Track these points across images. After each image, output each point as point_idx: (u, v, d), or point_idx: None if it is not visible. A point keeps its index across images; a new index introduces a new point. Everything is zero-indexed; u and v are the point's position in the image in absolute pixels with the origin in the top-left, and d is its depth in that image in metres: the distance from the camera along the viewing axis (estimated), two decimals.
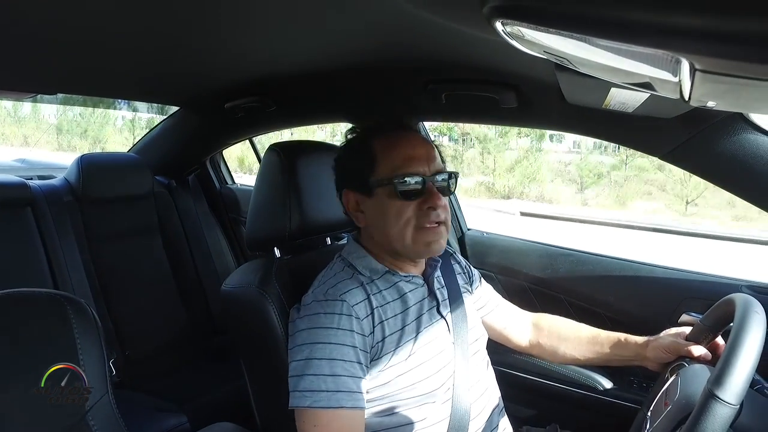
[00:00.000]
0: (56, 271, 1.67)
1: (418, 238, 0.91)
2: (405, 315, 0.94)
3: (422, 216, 0.91)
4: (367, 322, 0.89)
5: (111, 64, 1.27)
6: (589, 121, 1.15)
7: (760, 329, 0.71)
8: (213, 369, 1.90)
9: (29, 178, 1.90)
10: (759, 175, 0.94)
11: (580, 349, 1.11)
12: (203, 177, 2.33)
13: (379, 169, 0.92)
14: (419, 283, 0.99)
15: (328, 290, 0.90)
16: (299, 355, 0.86)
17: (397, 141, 0.94)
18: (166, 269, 1.99)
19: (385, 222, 0.92)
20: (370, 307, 0.90)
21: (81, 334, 0.79)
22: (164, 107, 2.25)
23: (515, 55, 0.63)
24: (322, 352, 0.84)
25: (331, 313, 0.87)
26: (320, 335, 0.85)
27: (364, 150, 0.95)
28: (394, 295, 0.95)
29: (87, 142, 13.26)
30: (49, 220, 1.72)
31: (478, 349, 1.04)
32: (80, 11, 0.87)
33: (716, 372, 0.67)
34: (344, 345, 0.85)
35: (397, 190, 0.90)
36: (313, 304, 0.90)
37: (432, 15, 0.77)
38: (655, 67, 0.44)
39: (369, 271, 0.95)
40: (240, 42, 1.09)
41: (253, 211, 1.12)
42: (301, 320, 0.89)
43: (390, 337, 0.90)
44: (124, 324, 1.81)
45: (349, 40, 1.06)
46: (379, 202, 0.92)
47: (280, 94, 1.55)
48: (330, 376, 0.83)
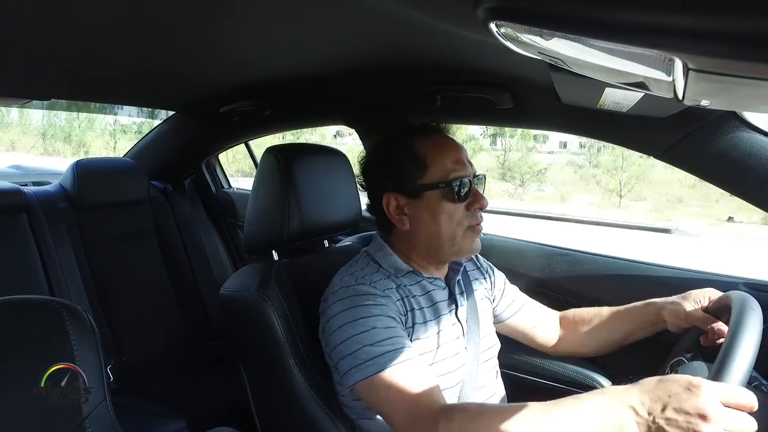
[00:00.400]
0: (52, 277, 1.66)
1: (466, 238, 0.95)
2: (430, 310, 0.96)
3: (470, 217, 0.95)
4: (400, 304, 0.91)
5: (106, 69, 1.27)
6: (584, 121, 1.16)
7: (757, 326, 0.72)
8: (211, 373, 1.89)
9: (24, 184, 1.89)
10: (753, 172, 0.94)
11: (604, 328, 1.10)
12: (199, 181, 2.32)
13: (429, 172, 0.93)
14: (441, 286, 1.01)
15: (358, 279, 0.92)
16: (344, 336, 0.86)
17: (443, 144, 0.96)
18: (162, 274, 1.98)
19: (437, 224, 0.93)
20: (400, 295, 0.93)
21: (78, 341, 0.78)
22: (154, 111, 2.24)
23: (510, 56, 0.63)
24: (367, 324, 0.85)
25: (366, 294, 0.89)
26: (360, 312, 0.86)
27: (410, 153, 0.95)
28: (419, 291, 0.97)
29: (70, 146, 13.43)
30: (44, 227, 1.71)
31: (489, 357, 1.04)
32: (74, 17, 0.87)
33: (714, 370, 0.68)
34: (387, 316, 0.87)
35: (453, 192, 0.92)
36: (343, 290, 0.91)
37: (426, 17, 0.77)
38: (649, 66, 0.45)
39: (394, 269, 0.97)
40: (235, 46, 1.09)
41: (250, 215, 1.12)
42: (334, 305, 0.90)
43: (417, 326, 0.92)
44: (121, 330, 1.80)
45: (343, 43, 1.06)
46: (429, 205, 0.93)
47: (275, 98, 1.55)
48: (382, 340, 0.84)
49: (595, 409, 0.68)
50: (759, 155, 0.93)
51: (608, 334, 1.10)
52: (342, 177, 1.16)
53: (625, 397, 0.67)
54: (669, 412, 0.63)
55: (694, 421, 0.61)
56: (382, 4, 0.76)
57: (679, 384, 0.65)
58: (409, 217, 0.95)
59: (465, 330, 1.00)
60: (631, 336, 1.08)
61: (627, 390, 0.68)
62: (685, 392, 0.63)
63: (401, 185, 0.95)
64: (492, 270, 1.17)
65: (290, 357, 0.96)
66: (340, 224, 1.15)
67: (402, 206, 0.95)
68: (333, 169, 1.16)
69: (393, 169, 0.96)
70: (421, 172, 0.93)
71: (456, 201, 0.93)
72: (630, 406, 0.66)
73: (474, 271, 1.13)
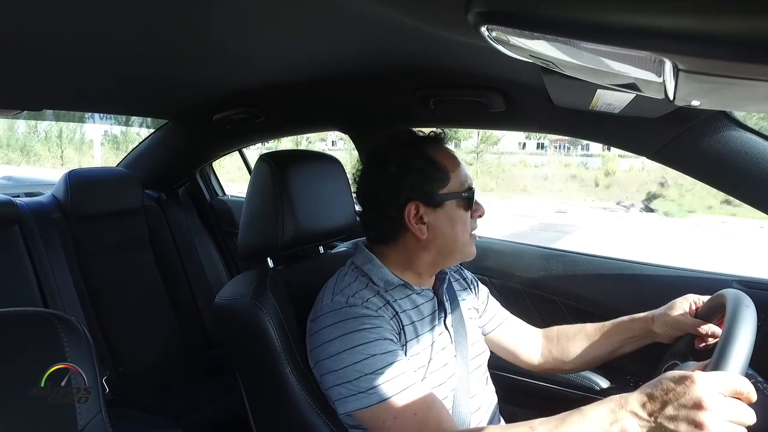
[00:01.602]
0: (46, 289, 1.65)
1: (470, 243, 1.00)
2: (420, 324, 0.95)
3: (473, 224, 1.00)
4: (394, 323, 0.91)
5: (98, 79, 1.26)
6: (576, 123, 1.17)
7: (751, 324, 0.72)
8: (208, 383, 1.88)
9: (16, 195, 1.88)
10: (743, 171, 0.95)
11: (589, 344, 1.11)
12: (193, 189, 2.31)
13: (451, 182, 0.96)
14: (429, 296, 1.01)
15: (349, 297, 0.91)
16: (340, 363, 0.85)
17: (454, 155, 0.99)
18: (158, 283, 1.97)
19: (454, 231, 0.96)
20: (392, 312, 0.92)
21: (72, 353, 0.77)
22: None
23: (502, 60, 0.63)
24: (366, 351, 0.84)
25: (360, 316, 0.88)
26: (356, 338, 0.85)
27: (433, 163, 0.96)
28: (409, 306, 0.96)
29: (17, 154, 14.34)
30: (37, 238, 1.69)
31: (479, 364, 1.04)
32: (66, 28, 0.86)
33: (712, 362, 0.68)
34: (384, 339, 0.86)
35: (468, 202, 0.97)
36: (335, 313, 0.89)
37: (417, 22, 0.78)
38: (639, 68, 0.45)
39: (384, 282, 0.95)
40: (227, 54, 1.10)
41: (245, 222, 1.12)
42: (327, 330, 0.88)
43: (411, 342, 0.92)
44: (116, 340, 1.78)
45: (335, 49, 1.06)
46: (449, 214, 0.96)
47: (268, 105, 1.55)
48: (384, 368, 0.83)
49: (599, 420, 0.68)
50: (750, 153, 0.94)
51: (592, 351, 1.11)
52: (336, 183, 1.16)
53: (626, 403, 0.67)
54: (669, 409, 0.63)
55: (693, 413, 0.61)
56: (373, 9, 0.76)
57: (673, 379, 0.65)
58: (428, 225, 0.96)
59: (453, 338, 1.00)
60: (615, 352, 1.10)
61: (626, 396, 0.68)
62: (680, 386, 0.63)
63: (425, 194, 0.95)
64: (476, 282, 1.18)
65: (286, 364, 0.95)
66: (335, 230, 1.15)
67: (421, 215, 0.96)
68: (327, 175, 1.16)
69: (418, 178, 0.95)
70: (444, 182, 0.95)
71: (468, 209, 0.97)
72: (631, 411, 0.66)
73: (458, 282, 1.13)
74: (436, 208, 0.95)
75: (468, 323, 1.05)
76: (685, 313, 0.97)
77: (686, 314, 0.97)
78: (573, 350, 1.13)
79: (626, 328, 1.07)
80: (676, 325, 0.97)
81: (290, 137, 9.98)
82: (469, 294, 1.13)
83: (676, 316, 0.97)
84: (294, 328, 0.99)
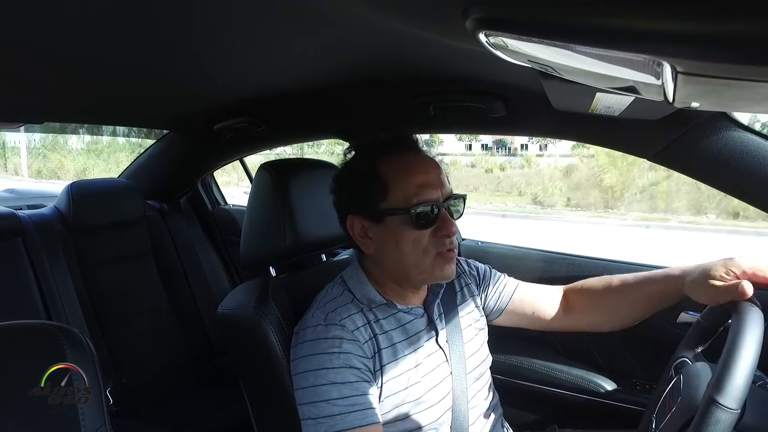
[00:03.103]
0: (49, 301, 1.65)
1: (435, 265, 0.89)
2: (403, 345, 0.92)
3: (438, 243, 0.88)
4: (368, 346, 0.88)
5: (99, 91, 1.27)
6: (576, 127, 1.17)
7: (758, 329, 0.70)
8: (212, 393, 1.88)
9: (18, 208, 1.89)
10: (744, 171, 0.95)
11: (614, 298, 1.02)
12: (195, 199, 2.32)
13: (391, 196, 0.87)
14: (419, 314, 0.97)
15: (328, 314, 0.89)
16: (305, 383, 0.84)
17: (408, 165, 0.89)
18: (161, 294, 1.97)
19: (400, 251, 0.88)
20: (371, 332, 0.89)
21: (76, 365, 0.77)
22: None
23: (501, 65, 0.63)
24: (327, 377, 0.83)
25: (332, 338, 0.85)
26: (323, 361, 0.84)
27: (372, 174, 0.88)
28: (393, 325, 0.93)
29: None
30: (40, 250, 1.70)
31: (479, 375, 1.01)
32: (66, 41, 0.87)
33: (715, 377, 0.66)
34: (349, 367, 0.84)
35: (413, 219, 0.85)
36: (312, 329, 0.88)
37: (416, 29, 0.78)
38: (638, 71, 0.45)
39: (367, 300, 0.93)
40: (226, 64, 1.10)
41: (247, 231, 1.12)
42: (302, 346, 0.88)
43: (388, 365, 0.89)
44: (120, 351, 1.78)
45: (334, 57, 1.07)
46: (392, 230, 0.87)
47: (268, 114, 1.55)
48: (340, 399, 0.81)
49: None
50: (751, 153, 0.94)
51: (621, 306, 1.02)
52: None
53: None
54: None
55: None
56: (371, 17, 0.77)
57: None
58: (374, 241, 0.91)
59: (448, 355, 0.97)
60: (648, 308, 1.00)
61: None
62: None
63: (364, 208, 0.89)
64: (475, 266, 1.12)
65: (289, 374, 0.95)
66: (337, 238, 1.15)
67: (366, 229, 0.91)
68: (328, 183, 1.16)
69: (356, 190, 0.91)
70: (382, 195, 0.87)
71: (419, 228, 0.86)
72: None
73: (468, 287, 1.08)
74: (379, 224, 0.89)
75: (466, 333, 1.01)
76: (714, 283, 0.83)
77: (716, 282, 0.82)
78: (598, 306, 1.05)
79: (653, 280, 0.97)
80: (709, 296, 0.84)
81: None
82: (472, 287, 1.08)
83: (708, 288, 0.83)
84: None
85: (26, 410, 0.73)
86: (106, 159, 12.84)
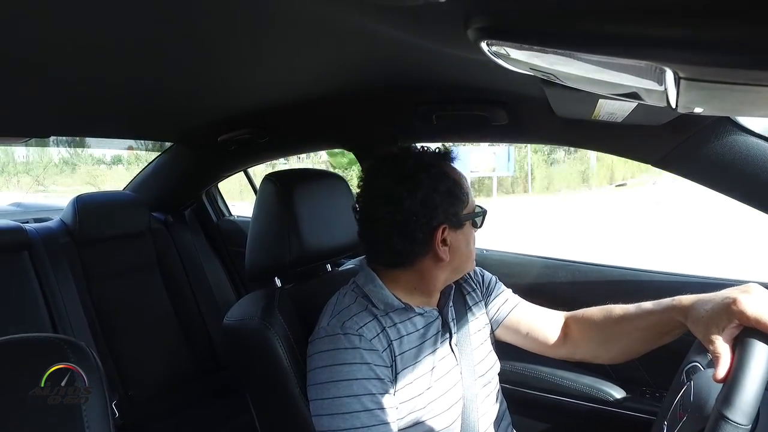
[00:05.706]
0: (55, 314, 1.65)
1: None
2: (420, 349, 0.92)
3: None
4: (386, 354, 0.88)
5: (104, 105, 1.28)
6: (579, 133, 1.17)
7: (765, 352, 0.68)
8: (219, 405, 1.87)
9: (25, 221, 1.90)
10: (749, 175, 0.95)
11: (612, 330, 0.98)
12: (200, 211, 2.33)
13: (470, 202, 0.96)
14: (434, 316, 0.98)
15: (345, 323, 0.88)
16: (324, 393, 0.84)
17: (458, 173, 0.97)
18: (166, 306, 1.98)
19: (470, 250, 0.97)
20: (387, 340, 0.89)
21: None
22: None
23: (503, 73, 0.64)
24: (350, 388, 0.83)
25: (351, 348, 0.85)
26: (345, 371, 0.84)
27: (456, 184, 0.93)
28: (410, 329, 0.93)
29: None
30: (46, 263, 1.70)
31: (488, 381, 1.01)
32: (72, 55, 0.88)
33: (724, 392, 0.64)
34: (371, 378, 0.84)
35: (480, 221, 0.98)
36: (330, 339, 0.87)
37: (418, 39, 0.79)
38: (640, 77, 0.45)
39: (384, 304, 0.92)
40: (230, 78, 1.11)
41: (252, 242, 1.12)
42: (320, 356, 0.87)
43: (405, 370, 0.89)
44: (126, 364, 1.78)
45: (336, 68, 1.07)
46: (465, 233, 0.95)
47: (271, 125, 1.56)
48: (363, 412, 0.82)
49: None
50: (756, 157, 0.93)
51: (621, 339, 0.98)
52: (341, 201, 1.16)
53: None
54: None
55: None
56: (373, 27, 0.77)
57: None
58: (450, 247, 0.93)
59: (458, 359, 0.97)
60: (649, 341, 0.95)
61: None
62: None
63: (453, 217, 0.92)
64: (482, 273, 1.12)
65: (296, 385, 0.94)
66: (341, 248, 1.15)
67: (445, 237, 0.92)
68: (332, 194, 1.16)
69: (447, 201, 0.91)
70: (465, 203, 0.94)
71: (476, 227, 0.98)
72: None
73: (475, 291, 1.09)
74: (458, 230, 0.94)
75: (474, 338, 1.02)
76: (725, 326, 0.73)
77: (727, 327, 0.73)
78: (597, 337, 1.01)
79: (652, 312, 0.92)
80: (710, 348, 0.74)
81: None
82: (476, 293, 1.08)
83: (709, 327, 0.76)
84: (303, 347, 0.98)
85: (27, 412, 0.73)
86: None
